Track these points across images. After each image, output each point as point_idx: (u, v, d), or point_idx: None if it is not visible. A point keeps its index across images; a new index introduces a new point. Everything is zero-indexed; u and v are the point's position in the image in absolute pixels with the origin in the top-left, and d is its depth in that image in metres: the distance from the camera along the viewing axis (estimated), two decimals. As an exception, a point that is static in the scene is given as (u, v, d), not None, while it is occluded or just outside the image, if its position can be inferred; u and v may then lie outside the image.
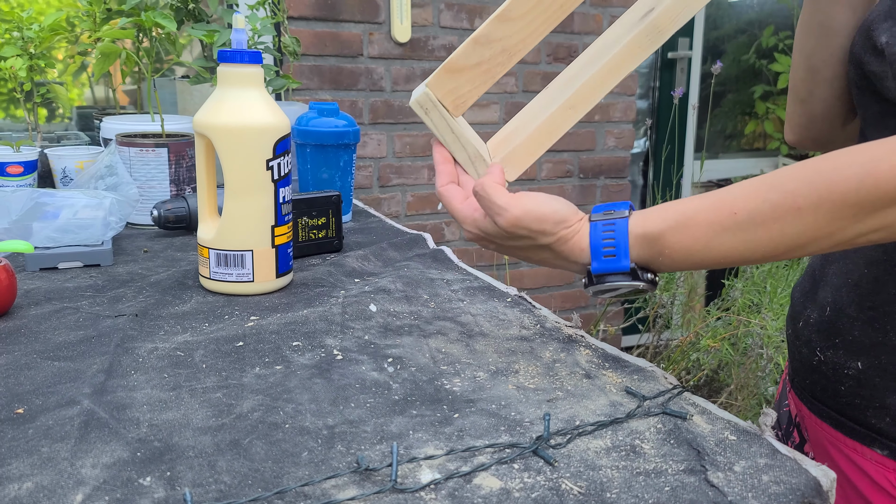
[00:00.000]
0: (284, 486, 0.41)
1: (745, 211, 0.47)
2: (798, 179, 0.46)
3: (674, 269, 0.52)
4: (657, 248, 0.50)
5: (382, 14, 1.85)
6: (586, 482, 0.42)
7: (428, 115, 0.54)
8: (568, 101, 0.56)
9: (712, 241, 0.48)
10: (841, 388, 0.58)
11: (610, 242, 0.52)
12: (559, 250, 0.53)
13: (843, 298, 0.58)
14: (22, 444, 0.45)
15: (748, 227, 0.47)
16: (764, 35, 2.76)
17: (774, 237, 0.46)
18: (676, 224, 0.50)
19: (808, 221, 0.45)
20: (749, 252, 0.48)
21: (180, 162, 1.00)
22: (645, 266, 0.52)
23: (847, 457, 0.58)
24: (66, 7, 1.13)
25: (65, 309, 0.68)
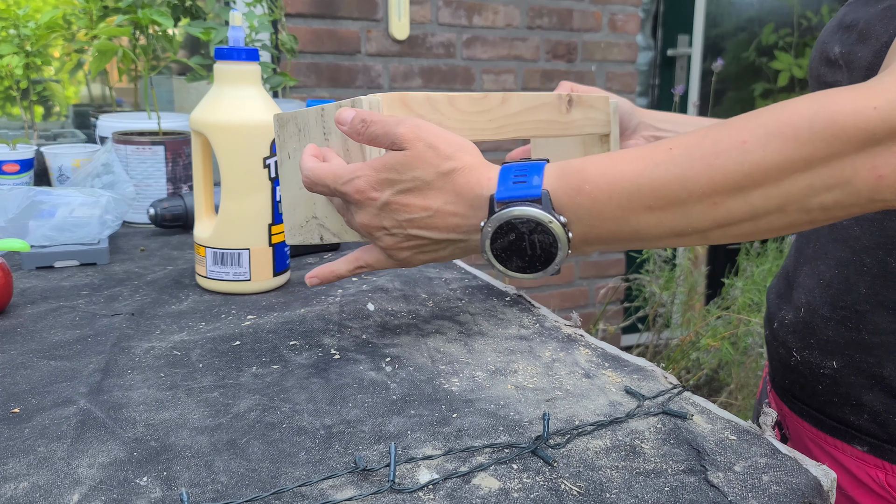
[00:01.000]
0: (282, 487, 0.40)
1: (683, 146, 0.41)
2: (747, 117, 0.40)
3: (594, 219, 0.42)
4: (576, 181, 0.42)
5: (380, 11, 1.85)
6: (585, 482, 0.42)
7: None
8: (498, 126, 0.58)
9: (641, 176, 0.41)
10: (819, 387, 0.59)
11: (522, 173, 0.44)
12: (463, 180, 0.45)
13: (817, 299, 0.59)
14: (18, 444, 0.44)
15: (683, 162, 0.40)
16: (764, 32, 2.76)
17: (714, 176, 0.39)
18: (602, 159, 0.43)
19: (753, 160, 0.38)
20: (685, 194, 0.40)
21: (177, 160, 1.00)
22: (559, 210, 0.43)
23: (829, 454, 0.59)
24: (63, 4, 1.12)
25: (61, 308, 0.68)
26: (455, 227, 0.46)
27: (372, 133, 0.47)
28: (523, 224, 0.43)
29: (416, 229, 0.46)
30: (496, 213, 0.43)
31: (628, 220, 0.42)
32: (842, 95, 0.38)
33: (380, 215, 0.47)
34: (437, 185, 0.45)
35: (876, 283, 0.55)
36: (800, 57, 2.77)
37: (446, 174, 0.45)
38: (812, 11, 2.79)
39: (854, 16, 0.55)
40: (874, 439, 0.55)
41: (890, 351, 0.54)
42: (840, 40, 0.55)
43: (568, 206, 0.43)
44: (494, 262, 0.46)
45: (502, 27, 2.00)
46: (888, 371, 0.54)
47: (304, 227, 0.58)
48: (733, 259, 2.15)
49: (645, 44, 2.52)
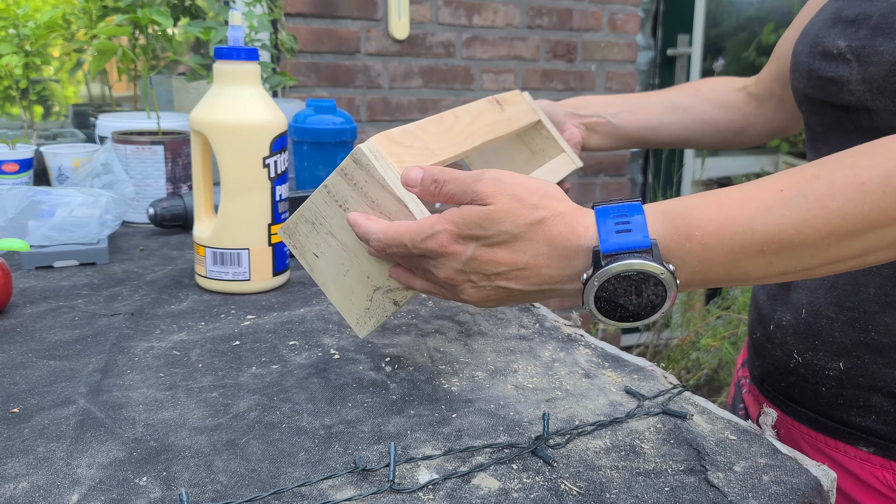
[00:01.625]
0: (281, 487, 0.40)
1: (795, 187, 0.39)
2: (858, 155, 0.39)
3: (702, 264, 0.40)
4: (683, 228, 0.40)
5: (380, 11, 1.85)
6: (585, 482, 0.42)
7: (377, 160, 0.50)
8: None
9: (754, 221, 0.39)
10: (821, 389, 0.58)
11: (624, 220, 0.41)
12: (556, 230, 0.42)
13: (820, 300, 0.58)
14: (17, 444, 0.44)
15: (798, 206, 0.38)
16: (764, 32, 2.76)
17: (832, 219, 0.38)
18: (707, 202, 0.41)
19: (872, 200, 0.37)
20: (800, 237, 0.38)
21: (176, 160, 1.00)
22: (666, 258, 0.41)
23: (828, 456, 0.58)
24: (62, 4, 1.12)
25: (60, 308, 0.68)
26: (548, 279, 0.43)
27: (448, 192, 0.45)
28: (633, 277, 0.41)
29: (505, 281, 0.44)
30: (603, 267, 0.41)
31: (738, 264, 0.40)
32: None
33: (465, 269, 0.44)
34: (526, 236, 0.42)
35: (886, 284, 0.54)
36: (799, 56, 2.77)
37: (535, 224, 0.42)
38: (812, 11, 2.79)
39: (858, 10, 0.54)
40: (882, 440, 0.55)
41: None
42: (843, 34, 0.54)
43: (676, 252, 0.41)
44: (596, 315, 0.43)
45: (502, 27, 2.00)
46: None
47: (371, 307, 0.53)
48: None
49: (645, 43, 2.52)
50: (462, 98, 1.99)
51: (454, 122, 0.60)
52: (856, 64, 0.52)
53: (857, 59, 0.52)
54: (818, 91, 0.57)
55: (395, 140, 0.53)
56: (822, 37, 0.57)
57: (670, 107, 0.78)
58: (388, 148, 0.52)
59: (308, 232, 0.54)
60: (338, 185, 0.51)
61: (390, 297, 0.52)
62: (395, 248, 0.46)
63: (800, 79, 0.59)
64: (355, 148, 0.50)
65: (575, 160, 0.76)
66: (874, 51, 0.51)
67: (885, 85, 0.50)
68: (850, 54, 0.53)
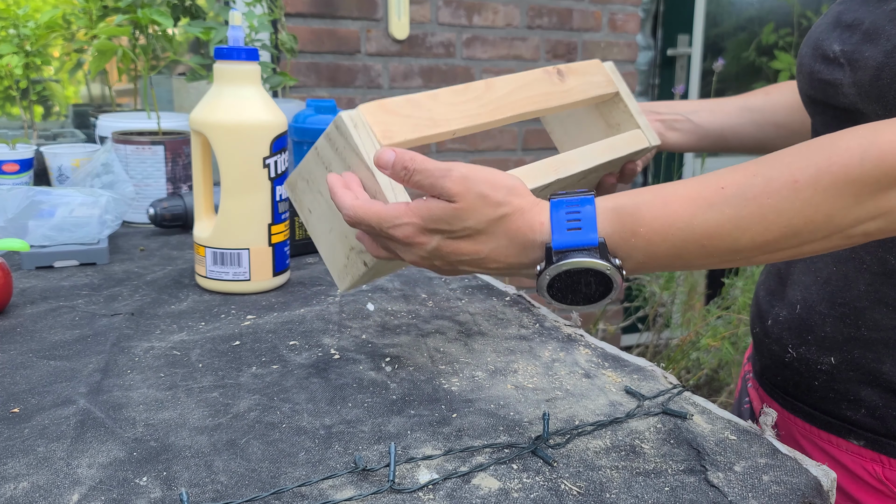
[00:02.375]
0: (281, 487, 0.40)
1: (735, 185, 0.42)
2: (795, 154, 0.42)
3: (647, 258, 0.44)
4: (630, 224, 0.44)
5: (380, 11, 1.85)
6: (585, 482, 0.42)
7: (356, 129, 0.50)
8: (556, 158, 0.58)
9: (696, 218, 0.42)
10: (814, 383, 0.59)
11: (575, 216, 0.45)
12: (514, 226, 0.45)
13: (814, 296, 0.59)
14: (18, 444, 0.44)
15: (737, 203, 0.41)
16: (764, 32, 2.76)
17: (767, 215, 0.41)
18: (654, 199, 0.44)
19: (805, 197, 0.40)
20: (738, 233, 0.42)
21: (177, 160, 1.00)
22: (613, 253, 0.45)
23: (822, 449, 0.59)
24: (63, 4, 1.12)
25: (60, 308, 0.68)
26: (507, 267, 0.47)
27: (417, 182, 0.47)
28: (580, 272, 0.45)
29: (467, 266, 0.48)
30: (554, 262, 0.44)
31: (680, 256, 0.44)
32: (889, 133, 0.40)
33: (429, 257, 0.47)
34: (488, 231, 0.46)
35: (876, 281, 0.55)
36: (800, 57, 2.77)
37: (497, 220, 0.45)
38: (812, 11, 2.79)
39: (855, 15, 0.55)
40: (872, 434, 0.56)
41: (890, 347, 0.54)
42: (840, 38, 0.55)
43: (622, 248, 0.44)
44: (549, 300, 0.47)
45: (502, 27, 2.00)
46: (888, 367, 0.54)
47: (348, 265, 0.56)
48: (733, 259, 2.15)
49: (645, 43, 2.52)
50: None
51: (483, 92, 0.58)
52: (847, 68, 0.53)
53: (848, 64, 0.53)
54: (818, 93, 0.58)
55: (388, 109, 0.52)
56: (822, 39, 0.58)
57: (744, 108, 0.77)
58: (376, 116, 0.52)
59: (304, 188, 0.57)
60: (324, 147, 0.53)
61: (361, 257, 0.55)
62: (362, 226, 0.48)
63: (803, 80, 0.60)
64: (340, 115, 0.51)
65: (651, 137, 0.72)
66: (861, 56, 0.52)
67: (871, 89, 0.51)
68: (843, 58, 0.54)
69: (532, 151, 2.11)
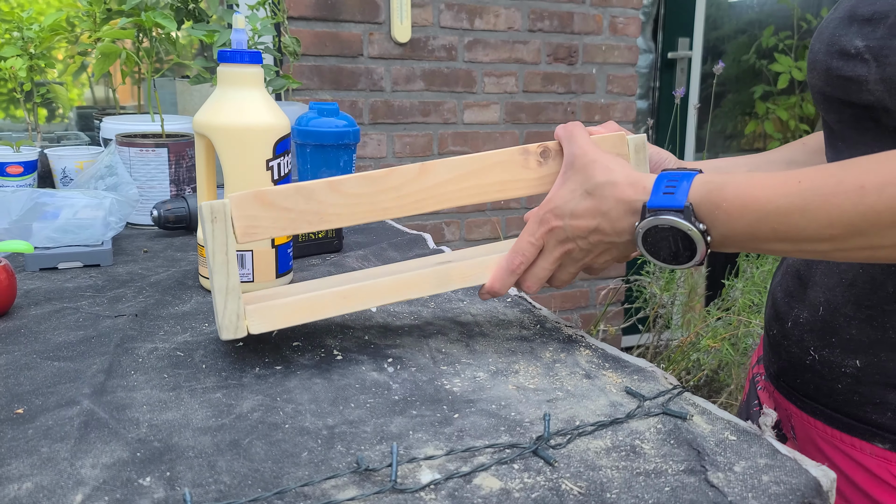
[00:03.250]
0: (284, 487, 0.41)
1: (810, 180, 0.47)
2: (869, 161, 0.45)
3: (728, 231, 0.50)
4: (716, 197, 0.50)
5: (382, 14, 1.85)
6: (586, 482, 0.42)
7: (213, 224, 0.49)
8: (343, 291, 0.55)
9: (771, 202, 0.47)
10: (838, 385, 0.59)
11: (672, 184, 0.52)
12: (621, 190, 0.53)
13: (838, 298, 0.59)
14: (22, 445, 0.45)
15: (808, 196, 0.46)
16: (764, 35, 2.76)
17: (831, 212, 0.45)
18: (742, 180, 0.50)
19: (869, 203, 0.44)
20: (804, 223, 0.46)
21: (180, 162, 1.00)
22: (700, 219, 0.51)
23: (844, 453, 0.58)
24: (67, 7, 1.13)
25: (65, 309, 0.68)
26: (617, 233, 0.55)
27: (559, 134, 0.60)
28: (667, 229, 0.51)
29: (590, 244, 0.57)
30: (647, 218, 0.52)
31: (756, 236, 0.49)
32: None
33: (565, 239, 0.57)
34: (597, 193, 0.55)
35: None
36: (800, 59, 2.78)
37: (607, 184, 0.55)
38: (812, 14, 2.79)
39: (873, 8, 0.54)
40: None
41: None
42: (860, 34, 0.54)
43: (707, 217, 0.51)
44: (647, 256, 0.54)
45: (504, 30, 2.00)
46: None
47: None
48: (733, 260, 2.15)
49: (645, 46, 2.53)
50: (463, 101, 2.00)
51: (411, 179, 0.53)
52: (874, 64, 0.53)
53: (874, 60, 0.53)
54: (836, 90, 0.57)
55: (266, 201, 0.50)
56: (838, 35, 0.56)
57: (790, 163, 0.77)
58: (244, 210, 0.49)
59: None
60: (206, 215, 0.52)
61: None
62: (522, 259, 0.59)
63: (818, 77, 0.59)
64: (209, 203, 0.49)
65: None
66: (892, 52, 0.51)
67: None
68: (868, 54, 0.53)
69: (533, 154, 2.11)
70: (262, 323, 0.53)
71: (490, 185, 0.56)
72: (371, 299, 0.55)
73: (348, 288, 0.55)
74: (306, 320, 0.54)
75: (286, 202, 0.51)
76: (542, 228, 0.57)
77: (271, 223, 0.51)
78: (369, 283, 0.55)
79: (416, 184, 0.54)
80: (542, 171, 0.59)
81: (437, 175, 0.54)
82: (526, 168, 0.58)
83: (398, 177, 0.53)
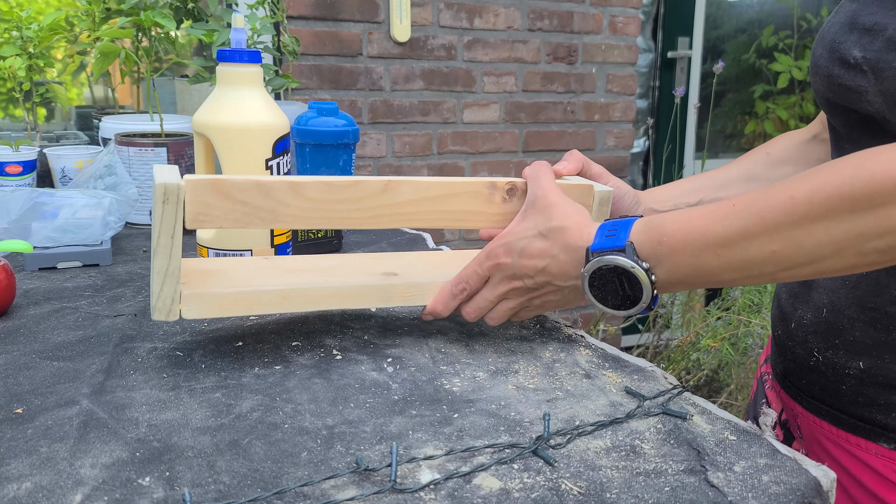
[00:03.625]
0: (284, 487, 0.40)
1: (743, 201, 0.48)
2: (798, 177, 0.47)
3: (673, 267, 0.50)
4: (656, 233, 0.51)
5: (382, 13, 1.85)
6: (586, 482, 0.42)
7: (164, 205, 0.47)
8: (283, 292, 0.54)
9: (710, 230, 0.48)
10: (842, 387, 0.59)
11: (614, 227, 0.53)
12: (570, 236, 0.55)
13: (842, 300, 0.59)
14: (21, 444, 0.45)
15: (744, 216, 0.47)
16: (764, 35, 2.76)
17: (769, 227, 0.46)
18: (679, 214, 0.51)
19: (801, 212, 0.45)
20: (746, 243, 0.47)
21: (179, 161, 1.00)
22: (644, 258, 0.52)
23: (849, 453, 0.58)
24: (66, 6, 1.13)
25: (64, 309, 0.68)
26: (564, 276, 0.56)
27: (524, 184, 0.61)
28: (612, 270, 0.52)
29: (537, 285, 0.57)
30: (590, 261, 0.53)
31: (701, 265, 0.49)
32: (881, 155, 0.43)
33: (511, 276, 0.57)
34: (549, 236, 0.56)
35: None
36: (800, 59, 2.78)
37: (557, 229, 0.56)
38: (812, 14, 2.79)
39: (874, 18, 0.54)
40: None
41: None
42: (860, 44, 0.54)
43: (650, 254, 0.51)
44: (594, 302, 0.54)
45: (503, 29, 2.00)
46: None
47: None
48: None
49: (645, 46, 2.53)
50: (463, 100, 2.00)
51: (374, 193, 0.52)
52: (872, 76, 0.52)
53: (872, 72, 0.52)
54: (839, 97, 0.57)
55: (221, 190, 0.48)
56: (839, 42, 0.56)
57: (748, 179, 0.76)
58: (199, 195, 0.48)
59: None
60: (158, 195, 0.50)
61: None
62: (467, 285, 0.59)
63: (821, 83, 0.59)
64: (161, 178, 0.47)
65: None
66: (888, 65, 0.51)
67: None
68: (866, 66, 0.53)
69: (533, 154, 2.11)
70: (196, 310, 0.52)
71: (452, 213, 0.56)
72: (311, 303, 0.55)
73: (289, 289, 0.54)
74: (243, 314, 0.53)
75: (243, 195, 0.50)
76: (489, 262, 0.57)
77: (223, 213, 0.50)
78: (312, 288, 0.54)
79: (378, 199, 0.53)
80: (506, 207, 0.59)
81: (401, 194, 0.53)
82: (490, 202, 0.58)
83: (362, 189, 0.52)
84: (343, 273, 0.59)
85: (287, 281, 0.55)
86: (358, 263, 0.62)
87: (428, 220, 0.55)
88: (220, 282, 0.55)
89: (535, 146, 2.10)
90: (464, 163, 2.03)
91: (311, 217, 0.52)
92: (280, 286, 0.54)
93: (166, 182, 0.48)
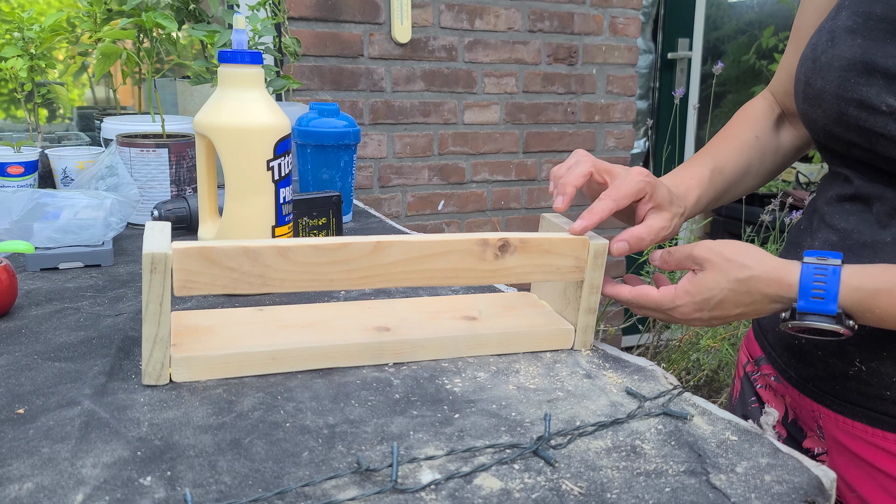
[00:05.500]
0: (285, 487, 0.41)
1: None
2: None
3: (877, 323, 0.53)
4: (867, 304, 0.52)
5: (383, 15, 1.85)
6: (587, 482, 0.42)
7: (152, 274, 0.48)
8: (273, 353, 0.54)
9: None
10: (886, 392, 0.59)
11: (820, 286, 0.53)
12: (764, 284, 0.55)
13: None
14: (22, 445, 0.45)
15: None
16: (764, 36, 2.76)
17: None
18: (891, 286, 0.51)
19: None
20: None
21: (181, 162, 1.00)
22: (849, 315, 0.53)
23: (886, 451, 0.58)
24: (67, 7, 1.13)
25: (65, 309, 0.68)
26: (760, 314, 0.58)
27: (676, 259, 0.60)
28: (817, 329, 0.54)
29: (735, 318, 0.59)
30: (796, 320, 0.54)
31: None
32: None
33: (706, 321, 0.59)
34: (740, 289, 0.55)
35: None
36: (801, 60, 2.78)
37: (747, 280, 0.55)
38: (813, 14, 2.79)
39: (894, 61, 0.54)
40: None
41: None
42: (891, 91, 0.54)
43: (858, 317, 0.53)
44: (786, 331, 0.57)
45: (504, 31, 2.00)
46: None
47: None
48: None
49: (645, 47, 2.53)
50: (464, 101, 2.00)
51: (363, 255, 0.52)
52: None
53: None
54: (853, 135, 0.57)
55: (210, 257, 0.49)
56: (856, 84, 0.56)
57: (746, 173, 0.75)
58: (186, 263, 0.48)
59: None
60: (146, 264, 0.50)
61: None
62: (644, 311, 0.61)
63: (825, 116, 0.59)
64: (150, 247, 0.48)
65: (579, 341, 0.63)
66: None
67: None
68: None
69: (534, 154, 2.11)
70: (186, 373, 0.53)
71: (441, 271, 0.55)
72: (300, 364, 0.55)
73: (279, 350, 0.55)
74: (233, 375, 0.54)
75: (231, 262, 0.50)
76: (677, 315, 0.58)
77: (211, 280, 0.50)
78: (301, 348, 0.55)
79: (367, 260, 0.53)
80: (498, 264, 0.56)
81: (391, 255, 0.53)
82: (482, 259, 0.56)
83: (350, 251, 0.52)
84: (335, 329, 0.58)
85: (277, 341, 0.56)
86: (352, 314, 0.62)
87: (419, 280, 0.54)
88: (211, 343, 0.55)
89: (536, 147, 2.10)
90: (464, 163, 2.03)
91: (299, 280, 0.52)
92: (270, 347, 0.55)
93: (153, 252, 0.48)
